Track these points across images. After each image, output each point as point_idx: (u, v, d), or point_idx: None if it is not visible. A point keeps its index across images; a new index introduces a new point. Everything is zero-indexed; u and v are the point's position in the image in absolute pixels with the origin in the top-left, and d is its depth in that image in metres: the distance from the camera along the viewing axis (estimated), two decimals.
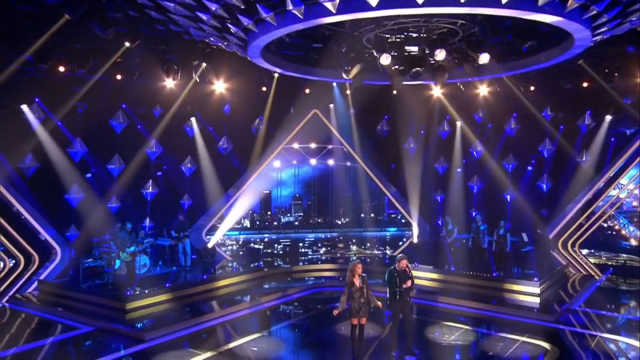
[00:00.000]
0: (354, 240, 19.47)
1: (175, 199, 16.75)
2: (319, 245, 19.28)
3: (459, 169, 18.54)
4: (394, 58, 9.75)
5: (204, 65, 13.86)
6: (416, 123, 18.49)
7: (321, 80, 15.34)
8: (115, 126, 15.50)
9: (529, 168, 17.98)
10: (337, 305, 8.39)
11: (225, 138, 17.46)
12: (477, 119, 18.32)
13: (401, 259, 8.91)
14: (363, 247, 19.12)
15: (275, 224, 19.90)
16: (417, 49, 9.68)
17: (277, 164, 19.23)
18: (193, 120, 16.59)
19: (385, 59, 9.46)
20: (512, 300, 12.54)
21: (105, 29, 8.57)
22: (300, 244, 19.17)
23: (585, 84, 15.31)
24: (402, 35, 10.06)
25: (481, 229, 15.34)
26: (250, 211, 19.32)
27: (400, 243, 19.11)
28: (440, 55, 9.17)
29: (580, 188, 16.75)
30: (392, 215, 20.54)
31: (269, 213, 20.07)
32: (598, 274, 16.09)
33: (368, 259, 17.49)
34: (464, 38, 9.94)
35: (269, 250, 18.52)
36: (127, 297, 11.44)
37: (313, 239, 19.61)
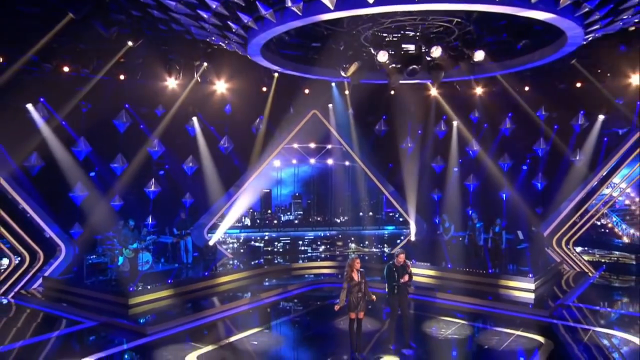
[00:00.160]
0: (352, 238, 19.47)
1: (177, 197, 16.80)
2: (319, 243, 19.27)
3: (455, 168, 18.63)
4: (391, 56, 9.78)
5: (205, 64, 13.90)
6: (413, 123, 18.56)
7: (320, 81, 15.39)
8: (119, 125, 15.56)
9: (524, 167, 18.04)
10: (336, 301, 8.42)
11: (226, 137, 17.50)
12: (473, 119, 18.39)
13: (399, 254, 8.92)
14: (361, 245, 19.12)
15: (275, 222, 19.91)
16: (414, 47, 9.70)
17: (277, 164, 19.25)
18: (195, 120, 16.62)
19: (383, 56, 9.49)
20: (508, 296, 12.54)
21: (108, 28, 8.59)
22: (300, 242, 19.16)
23: (578, 84, 15.39)
24: (399, 34, 10.09)
25: (477, 226, 15.35)
26: (250, 210, 19.33)
27: (398, 241, 19.14)
28: (436, 52, 9.20)
29: (574, 187, 16.80)
30: (390, 214, 20.55)
31: (269, 211, 20.08)
32: (591, 271, 16.12)
33: (366, 257, 17.46)
34: (460, 36, 9.98)
35: (269, 248, 18.49)
36: (130, 293, 11.44)
37: (312, 237, 19.62)
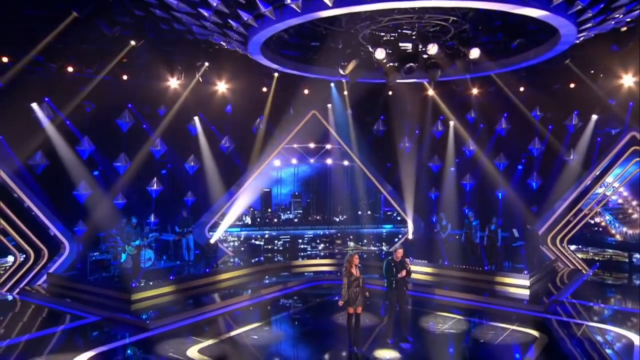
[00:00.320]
0: (351, 237, 19.46)
1: (179, 196, 16.77)
2: (318, 241, 19.26)
3: (452, 167, 18.63)
4: (389, 55, 9.80)
5: (206, 64, 13.92)
6: (411, 123, 18.57)
7: (319, 82, 15.42)
8: (122, 125, 15.55)
9: (519, 167, 18.06)
10: (336, 298, 8.44)
11: (227, 137, 17.50)
12: (470, 119, 18.40)
13: (397, 250, 8.95)
14: (360, 244, 19.11)
15: (275, 221, 19.89)
16: (411, 45, 9.72)
17: (277, 163, 19.26)
18: (196, 120, 16.63)
19: (380, 54, 9.52)
20: (503, 292, 12.56)
21: (111, 27, 8.59)
22: (300, 240, 19.16)
23: (572, 84, 15.42)
24: (396, 34, 10.10)
25: (473, 224, 15.39)
26: (251, 208, 19.32)
27: (396, 239, 19.14)
28: (433, 49, 9.22)
29: (568, 186, 16.82)
30: (388, 213, 20.56)
31: (270, 210, 20.08)
32: (585, 269, 16.12)
33: (365, 255, 17.45)
34: (456, 35, 10.00)
35: (269, 246, 18.47)
36: (133, 289, 11.46)
37: (312, 236, 19.61)
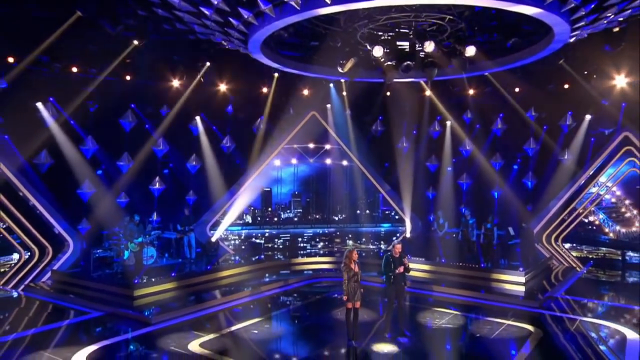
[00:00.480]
0: (350, 236, 19.45)
1: (181, 194, 16.79)
2: (317, 240, 19.26)
3: (449, 167, 18.64)
4: (386, 54, 9.81)
5: (208, 64, 13.93)
6: (409, 123, 18.58)
7: (319, 83, 15.44)
8: (125, 125, 15.58)
9: (515, 166, 18.08)
10: (335, 294, 8.45)
11: (228, 137, 17.51)
12: (466, 120, 18.42)
13: (395, 245, 8.99)
14: (359, 242, 19.11)
15: (275, 219, 19.89)
16: (408, 43, 9.75)
17: (277, 163, 19.28)
18: (198, 120, 16.65)
19: (378, 51, 9.53)
20: (499, 289, 12.56)
21: (115, 26, 8.60)
22: (299, 239, 19.16)
23: (566, 85, 15.44)
24: (393, 33, 10.12)
25: (470, 223, 15.37)
26: (251, 207, 19.33)
27: (394, 238, 19.13)
28: (430, 47, 9.24)
29: (562, 185, 16.87)
30: (386, 212, 20.58)
31: (270, 209, 20.08)
32: (579, 266, 16.15)
33: (364, 253, 17.43)
34: (452, 34, 10.02)
35: (270, 245, 18.48)
36: (135, 285, 11.44)
37: (311, 234, 19.61)
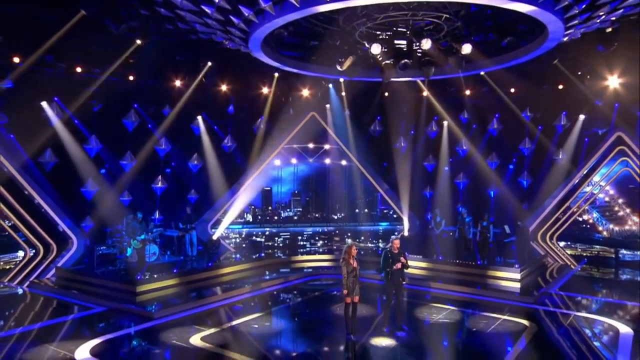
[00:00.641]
0: (349, 234, 19.48)
1: (182, 193, 16.81)
2: (317, 238, 19.29)
3: (446, 167, 18.67)
4: (384, 52, 9.84)
5: (209, 63, 13.96)
6: (406, 124, 18.62)
7: (318, 83, 15.44)
8: (128, 124, 15.60)
9: (511, 166, 18.13)
10: (334, 291, 8.45)
11: (229, 137, 17.53)
12: (463, 120, 18.45)
13: (394, 240, 9.00)
14: (357, 240, 19.11)
15: (275, 218, 19.93)
16: (405, 41, 9.78)
17: (278, 163, 19.30)
18: (199, 119, 16.68)
19: (376, 48, 9.56)
20: (495, 286, 12.57)
21: (118, 25, 8.63)
22: (299, 237, 19.18)
23: (560, 86, 15.48)
24: (391, 32, 10.16)
25: (466, 221, 15.38)
26: (252, 206, 19.35)
27: (392, 236, 19.06)
28: (427, 44, 9.26)
29: (557, 184, 16.92)
30: (385, 211, 20.61)
31: (270, 208, 20.11)
32: (574, 264, 16.17)
33: (362, 251, 17.44)
34: (449, 33, 10.06)
35: (270, 243, 18.50)
36: (138, 281, 11.46)
37: (311, 233, 19.65)
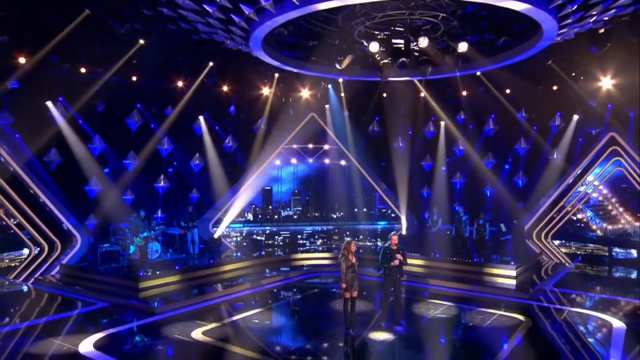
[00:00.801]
0: (348, 233, 19.48)
1: (184, 192, 16.85)
2: (316, 237, 19.30)
3: (443, 167, 18.71)
4: (382, 51, 9.89)
5: (210, 64, 14.03)
6: (404, 124, 18.65)
7: (318, 84, 15.47)
8: (131, 124, 15.65)
9: (506, 166, 18.18)
10: (333, 289, 8.48)
11: (231, 137, 17.57)
12: (460, 120, 18.51)
13: (392, 237, 9.04)
14: (356, 239, 19.14)
15: (275, 217, 19.96)
16: (403, 40, 9.83)
17: (278, 162, 19.35)
18: (201, 120, 16.72)
19: (374, 47, 9.61)
20: (491, 282, 12.63)
21: (122, 25, 8.68)
22: (299, 236, 19.21)
23: (555, 86, 15.53)
24: (389, 31, 10.21)
25: (463, 219, 15.43)
26: (252, 205, 19.39)
27: (390, 235, 19.15)
28: (423, 42, 9.31)
29: (551, 183, 16.98)
30: (383, 210, 20.62)
31: (270, 207, 20.14)
32: (568, 262, 16.19)
33: (361, 250, 17.45)
34: (445, 32, 10.12)
35: (270, 242, 18.52)
36: (141, 277, 11.51)
37: (310, 231, 19.66)
